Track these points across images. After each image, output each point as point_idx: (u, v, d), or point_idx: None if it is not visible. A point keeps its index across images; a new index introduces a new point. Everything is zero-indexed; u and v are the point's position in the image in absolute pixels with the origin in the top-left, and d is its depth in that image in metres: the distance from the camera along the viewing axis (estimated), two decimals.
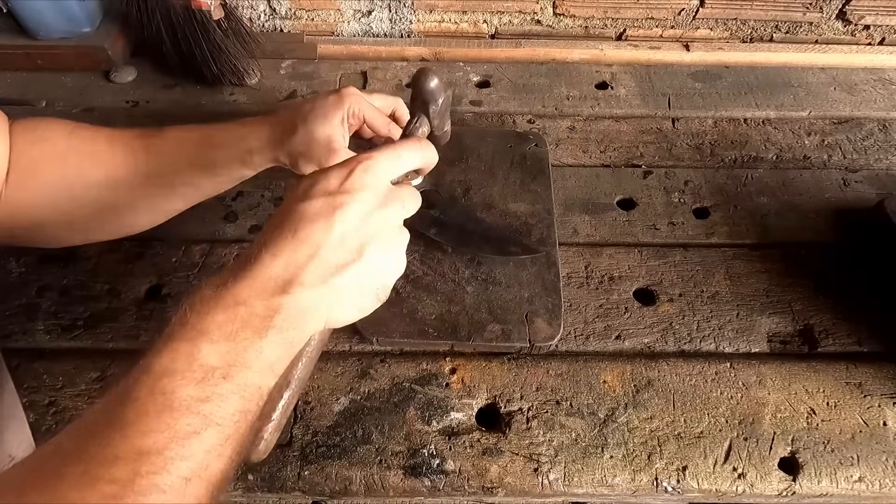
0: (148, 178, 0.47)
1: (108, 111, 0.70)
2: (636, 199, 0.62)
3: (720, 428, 0.46)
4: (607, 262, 0.57)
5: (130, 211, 0.49)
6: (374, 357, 0.50)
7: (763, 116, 0.72)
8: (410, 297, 0.51)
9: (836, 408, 0.48)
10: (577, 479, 0.44)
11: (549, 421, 0.47)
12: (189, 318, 0.28)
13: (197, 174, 0.49)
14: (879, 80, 0.76)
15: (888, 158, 0.67)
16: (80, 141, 0.47)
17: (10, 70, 0.73)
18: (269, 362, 0.29)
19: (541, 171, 0.61)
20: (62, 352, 0.50)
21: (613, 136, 0.69)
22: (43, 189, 0.45)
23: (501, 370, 0.50)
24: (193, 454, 0.25)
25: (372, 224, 0.32)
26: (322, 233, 0.31)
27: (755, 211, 0.61)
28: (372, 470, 0.44)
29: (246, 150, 0.48)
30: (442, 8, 0.79)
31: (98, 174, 0.46)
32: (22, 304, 0.52)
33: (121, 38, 0.74)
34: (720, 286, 0.55)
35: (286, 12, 0.79)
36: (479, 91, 0.74)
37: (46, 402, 0.47)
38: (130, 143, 0.48)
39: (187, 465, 0.25)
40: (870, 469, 0.45)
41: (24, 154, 0.44)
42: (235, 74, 0.72)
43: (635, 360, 0.50)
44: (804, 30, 0.82)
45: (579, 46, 0.79)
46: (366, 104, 0.49)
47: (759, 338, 0.52)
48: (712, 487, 0.44)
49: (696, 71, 0.77)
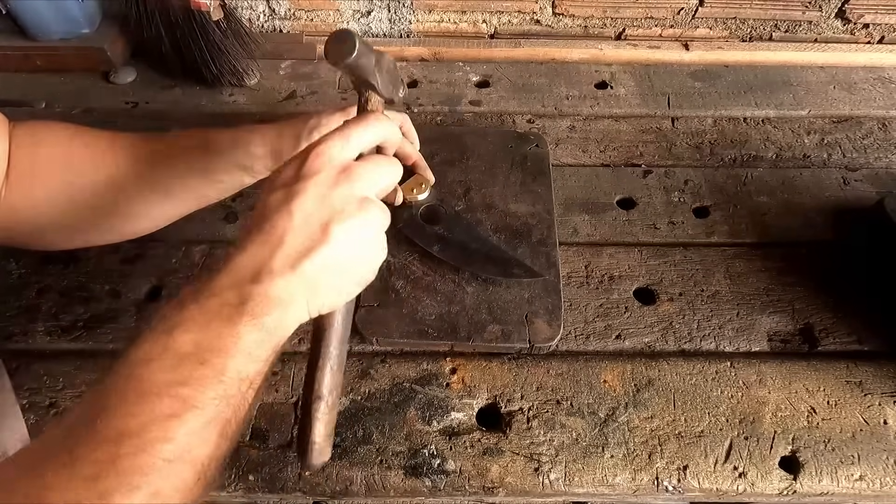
0: (148, 184, 0.47)
1: (107, 112, 0.70)
2: (636, 198, 0.62)
3: (721, 427, 0.46)
4: (607, 262, 0.57)
5: (130, 216, 0.49)
6: (374, 357, 0.50)
7: (763, 115, 0.72)
8: (410, 297, 0.51)
9: (837, 406, 0.48)
10: (578, 479, 0.44)
11: (549, 421, 0.47)
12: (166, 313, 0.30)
13: (197, 180, 0.49)
14: (879, 78, 0.76)
15: (888, 157, 0.67)
16: (80, 145, 0.47)
17: (10, 71, 0.74)
18: (247, 348, 0.29)
19: (541, 171, 0.61)
20: (62, 353, 0.50)
21: (613, 136, 0.69)
22: (42, 193, 0.45)
23: (502, 370, 0.50)
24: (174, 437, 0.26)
25: (332, 204, 0.32)
26: (283, 221, 0.31)
27: (755, 210, 0.61)
28: (373, 470, 0.44)
29: (247, 157, 0.48)
30: (441, 8, 0.79)
31: (98, 179, 0.46)
32: (22, 305, 0.52)
33: (120, 39, 0.74)
34: (720, 285, 0.55)
35: (285, 13, 0.79)
36: (478, 91, 0.74)
37: (47, 403, 0.47)
38: (131, 148, 0.47)
39: (169, 447, 0.26)
40: (870, 467, 0.45)
41: (24, 157, 0.44)
42: (235, 75, 0.72)
43: (636, 359, 0.50)
44: (803, 29, 0.82)
45: (579, 46, 0.79)
46: None
47: (759, 337, 0.52)
48: (713, 486, 0.44)
49: (696, 70, 0.77)
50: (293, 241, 0.31)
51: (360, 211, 0.33)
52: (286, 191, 0.32)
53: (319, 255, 0.31)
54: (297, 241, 0.31)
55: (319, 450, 0.35)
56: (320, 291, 0.32)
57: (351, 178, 0.33)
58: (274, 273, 0.30)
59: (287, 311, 0.31)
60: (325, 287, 0.33)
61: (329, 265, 0.32)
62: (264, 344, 0.30)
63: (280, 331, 0.31)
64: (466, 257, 0.53)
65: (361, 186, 0.34)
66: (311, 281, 0.31)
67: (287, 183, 0.33)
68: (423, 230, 0.54)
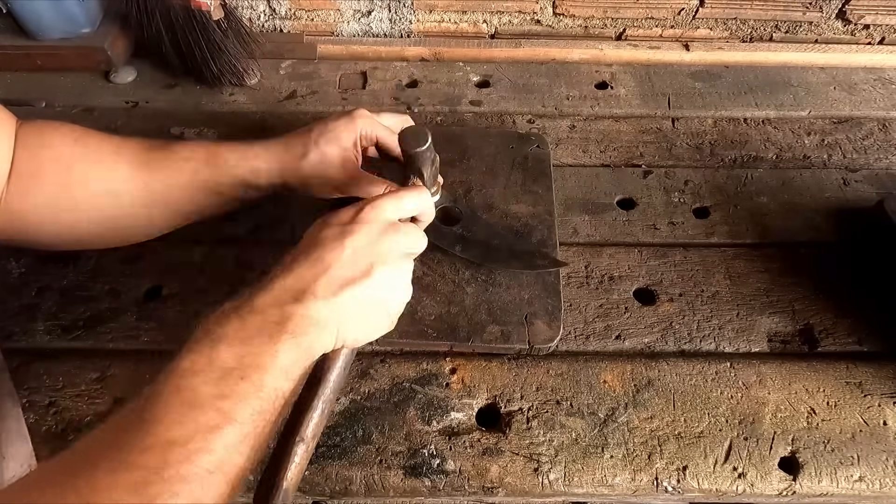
0: (150, 193, 0.47)
1: (107, 111, 0.70)
2: (636, 198, 0.62)
3: (720, 428, 0.46)
4: (607, 262, 0.57)
5: (129, 224, 0.49)
6: (374, 357, 0.50)
7: (763, 116, 0.72)
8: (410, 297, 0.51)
9: (837, 407, 0.48)
10: (578, 479, 0.44)
11: (549, 421, 0.47)
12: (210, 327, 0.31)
13: (199, 192, 0.49)
14: (879, 79, 0.76)
15: (888, 158, 0.67)
16: (85, 149, 0.47)
17: (10, 70, 0.73)
18: (284, 366, 0.31)
19: (542, 172, 0.61)
20: (62, 352, 0.50)
21: (613, 136, 0.69)
22: (43, 196, 0.45)
23: (501, 370, 0.50)
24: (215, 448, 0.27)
25: (379, 248, 0.36)
26: (333, 252, 0.35)
27: (755, 210, 0.61)
28: (372, 470, 0.44)
29: (251, 172, 0.48)
30: (442, 8, 0.79)
31: (100, 185, 0.46)
32: (22, 304, 0.52)
33: (120, 38, 0.74)
34: (720, 286, 0.55)
35: (286, 12, 0.79)
36: (478, 91, 0.74)
37: (46, 402, 0.47)
38: (136, 156, 0.47)
39: (209, 458, 0.27)
40: (870, 468, 0.45)
41: (27, 159, 0.44)
42: (235, 75, 0.72)
43: (635, 359, 0.50)
44: (804, 29, 0.82)
45: (579, 46, 0.79)
46: (377, 125, 0.50)
47: (759, 337, 0.52)
48: (712, 487, 0.44)
49: (696, 70, 0.77)
50: (339, 271, 0.34)
51: (400, 260, 0.38)
52: (341, 228, 0.36)
53: (359, 287, 0.35)
54: (343, 272, 0.35)
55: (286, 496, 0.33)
56: (350, 323, 0.35)
57: (398, 234, 0.38)
58: (317, 296, 0.33)
59: (321, 334, 0.33)
60: (356, 320, 0.36)
61: (365, 300, 0.35)
62: (298, 363, 0.32)
63: (312, 352, 0.33)
64: (490, 254, 0.53)
65: (403, 242, 0.38)
66: (346, 310, 0.34)
67: (343, 223, 0.37)
68: (442, 231, 0.54)
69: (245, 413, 0.29)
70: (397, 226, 0.38)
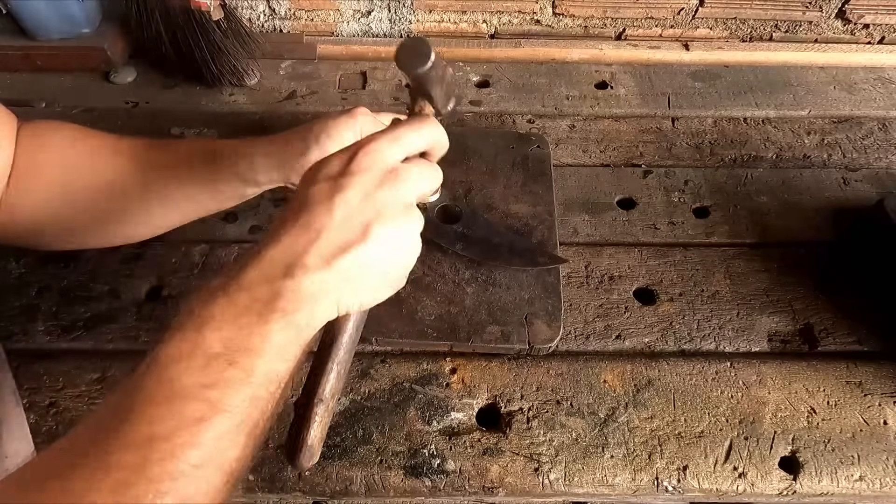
0: (148, 191, 0.47)
1: (107, 112, 0.70)
2: (636, 198, 0.62)
3: (720, 427, 0.46)
4: (607, 262, 0.57)
5: (128, 221, 0.49)
6: (374, 357, 0.50)
7: (763, 116, 0.72)
8: (410, 297, 0.51)
9: (837, 407, 0.48)
10: (578, 479, 0.44)
11: (549, 421, 0.47)
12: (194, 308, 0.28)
13: (198, 189, 0.48)
14: (879, 79, 0.76)
15: (888, 157, 0.67)
16: (84, 149, 0.47)
17: (10, 71, 0.73)
18: (278, 347, 0.28)
19: (542, 172, 0.61)
20: (62, 353, 0.50)
21: (613, 136, 0.69)
22: (42, 194, 0.45)
23: (502, 370, 0.50)
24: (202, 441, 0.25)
25: (375, 204, 0.31)
26: (323, 216, 0.30)
27: (755, 210, 0.61)
28: (372, 470, 0.44)
29: (250, 168, 0.48)
30: (441, 8, 0.79)
31: (100, 184, 0.46)
32: (22, 304, 0.52)
33: (120, 38, 0.74)
34: (720, 285, 0.55)
35: (285, 12, 0.79)
36: (478, 91, 0.74)
37: (47, 403, 0.47)
38: (134, 154, 0.47)
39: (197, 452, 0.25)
40: (870, 468, 0.45)
41: (27, 159, 0.44)
42: (235, 75, 0.72)
43: (635, 359, 0.50)
44: (804, 29, 0.82)
45: (579, 46, 0.79)
46: (377, 124, 0.50)
47: (759, 337, 0.52)
48: (713, 487, 0.44)
49: (696, 70, 0.77)
50: (331, 237, 0.30)
51: (402, 215, 0.33)
52: (330, 184, 0.31)
53: (356, 253, 0.30)
54: (335, 237, 0.30)
55: (311, 452, 0.34)
56: (352, 290, 0.32)
57: (397, 181, 0.32)
58: (308, 268, 0.29)
59: (317, 307, 0.30)
60: (357, 286, 0.32)
61: (364, 265, 0.31)
62: (294, 342, 0.29)
63: (309, 328, 0.30)
64: (491, 252, 0.53)
65: (406, 190, 0.33)
66: (345, 278, 0.31)
67: (332, 176, 0.32)
68: (443, 230, 0.54)
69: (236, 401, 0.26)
70: (396, 171, 0.33)
